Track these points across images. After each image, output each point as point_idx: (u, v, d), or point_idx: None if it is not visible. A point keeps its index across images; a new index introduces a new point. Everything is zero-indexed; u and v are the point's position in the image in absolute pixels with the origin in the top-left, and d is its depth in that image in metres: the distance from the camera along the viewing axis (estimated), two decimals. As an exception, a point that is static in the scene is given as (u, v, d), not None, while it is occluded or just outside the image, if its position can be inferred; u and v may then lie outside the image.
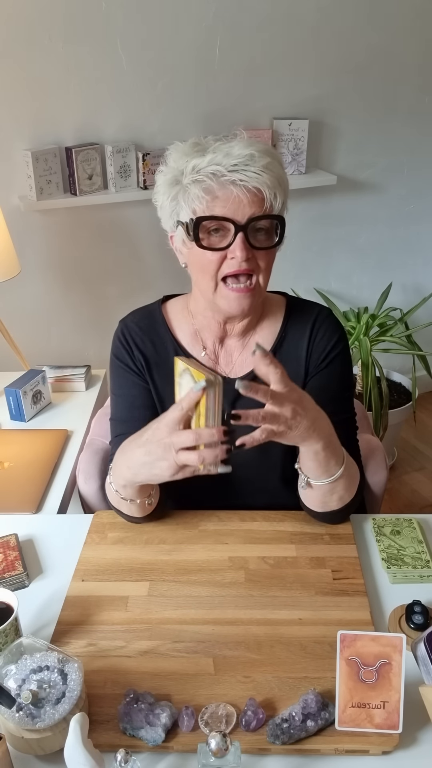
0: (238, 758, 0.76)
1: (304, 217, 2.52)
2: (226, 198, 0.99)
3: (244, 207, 0.99)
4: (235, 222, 1.00)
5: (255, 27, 2.14)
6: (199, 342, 1.18)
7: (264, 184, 0.99)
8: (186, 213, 1.03)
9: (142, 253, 2.30)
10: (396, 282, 2.76)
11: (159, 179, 1.08)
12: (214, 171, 0.98)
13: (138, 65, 2.05)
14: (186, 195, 1.02)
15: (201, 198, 0.99)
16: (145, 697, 0.84)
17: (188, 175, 1.01)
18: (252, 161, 0.98)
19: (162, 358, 1.19)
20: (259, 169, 0.98)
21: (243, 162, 0.98)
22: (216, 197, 0.99)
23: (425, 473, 2.70)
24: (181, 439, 0.91)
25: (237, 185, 0.98)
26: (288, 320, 1.19)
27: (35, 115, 1.99)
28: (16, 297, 2.14)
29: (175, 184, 1.04)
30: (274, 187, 1.01)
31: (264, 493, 1.21)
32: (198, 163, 1.00)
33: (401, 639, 0.83)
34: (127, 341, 1.20)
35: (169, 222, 1.09)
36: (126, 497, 1.10)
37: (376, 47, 2.34)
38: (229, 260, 1.03)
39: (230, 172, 0.98)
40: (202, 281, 1.07)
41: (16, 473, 1.38)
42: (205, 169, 0.99)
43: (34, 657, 0.85)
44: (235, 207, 0.99)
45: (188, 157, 1.02)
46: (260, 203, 1.00)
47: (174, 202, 1.04)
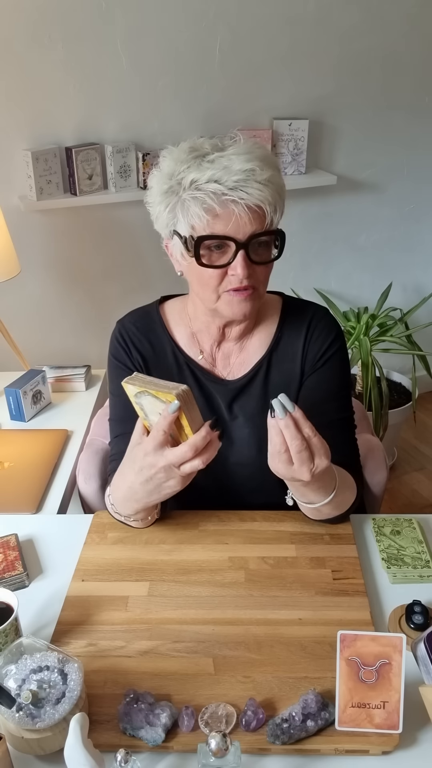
0: (238, 758, 0.76)
1: (304, 217, 2.52)
2: (227, 217, 0.97)
3: (245, 225, 0.98)
4: (236, 240, 0.99)
5: (255, 27, 2.14)
6: (197, 345, 1.18)
7: (265, 201, 0.97)
8: (184, 227, 1.01)
9: (142, 253, 2.30)
10: (396, 282, 2.76)
11: (153, 184, 1.05)
12: (215, 190, 0.96)
13: (138, 65, 2.05)
14: (184, 210, 1.00)
15: (201, 216, 0.98)
16: (145, 697, 0.84)
17: (187, 190, 0.98)
18: (253, 176, 0.96)
19: (160, 359, 1.19)
20: (261, 185, 0.96)
21: (243, 179, 0.96)
22: (216, 216, 0.98)
23: (425, 473, 2.70)
24: (179, 457, 0.92)
25: (238, 204, 0.96)
26: (284, 320, 1.19)
27: (35, 115, 1.99)
28: (16, 297, 2.14)
29: (172, 194, 1.01)
30: (275, 202, 0.99)
31: (262, 493, 1.21)
32: (197, 177, 0.97)
33: (401, 639, 0.83)
34: (125, 342, 1.19)
35: (164, 230, 1.07)
36: (136, 519, 1.11)
37: (376, 47, 2.34)
38: (230, 276, 1.02)
39: (231, 190, 0.96)
40: (202, 293, 1.07)
41: (16, 473, 1.38)
42: (205, 186, 0.96)
43: (34, 657, 0.84)
44: (236, 226, 0.98)
45: (185, 165, 0.99)
46: (261, 220, 0.99)
47: (171, 214, 1.02)
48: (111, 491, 1.11)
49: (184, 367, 1.18)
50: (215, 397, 1.18)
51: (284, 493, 1.20)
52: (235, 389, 1.17)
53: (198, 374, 1.18)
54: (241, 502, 1.21)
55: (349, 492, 1.11)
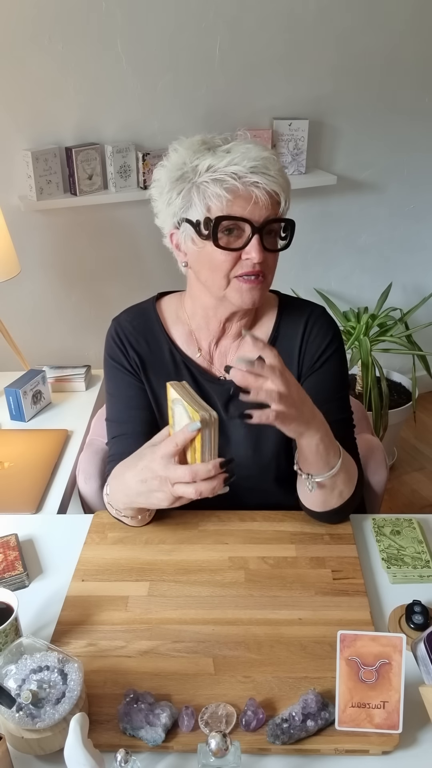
0: (238, 758, 0.76)
1: (304, 217, 2.51)
2: (246, 199, 1.00)
3: (261, 209, 1.01)
4: (253, 223, 1.01)
5: (255, 27, 2.14)
6: (194, 343, 1.18)
7: (280, 188, 1.02)
8: (199, 211, 1.02)
9: (142, 253, 2.31)
10: (396, 282, 2.76)
11: (161, 174, 1.07)
12: (236, 171, 0.99)
13: (138, 65, 2.05)
14: (200, 192, 1.02)
15: (221, 197, 1.00)
16: (145, 697, 0.84)
17: (203, 174, 1.01)
18: (270, 164, 1.00)
19: (157, 358, 1.18)
20: (276, 172, 1.01)
21: (262, 164, 0.99)
22: (237, 197, 1.00)
23: (425, 473, 2.70)
24: (177, 475, 0.91)
25: (258, 187, 0.99)
26: (280, 319, 1.19)
27: (35, 115, 1.99)
28: (16, 297, 2.14)
29: (185, 181, 1.03)
30: (286, 191, 1.03)
31: (260, 494, 1.21)
32: (215, 163, 1.00)
33: (401, 639, 0.83)
34: (121, 341, 1.19)
35: (171, 220, 1.07)
36: (126, 515, 1.12)
37: (376, 47, 2.34)
38: (244, 260, 1.03)
39: (251, 173, 0.99)
40: (211, 279, 1.07)
41: (16, 473, 1.38)
42: (225, 168, 0.99)
43: (34, 657, 0.84)
44: (254, 209, 1.00)
45: (198, 155, 1.02)
46: (276, 206, 1.03)
47: (183, 200, 1.04)
48: (110, 480, 1.12)
49: (181, 366, 1.18)
50: (212, 397, 1.18)
51: (282, 493, 1.20)
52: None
53: (195, 373, 1.18)
54: (239, 503, 1.21)
55: (351, 463, 1.11)
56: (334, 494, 1.09)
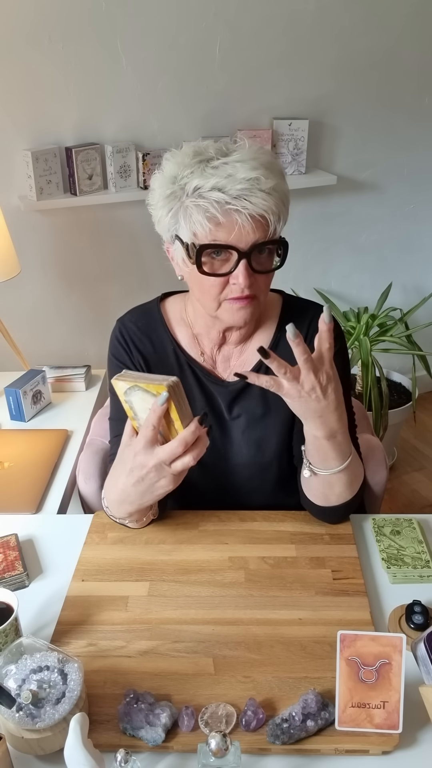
0: (238, 758, 0.76)
1: (304, 217, 2.52)
2: (229, 227, 0.96)
3: (248, 234, 0.97)
4: (238, 249, 0.98)
5: (255, 27, 2.14)
6: (197, 346, 1.18)
7: (269, 210, 0.96)
8: (186, 233, 1.00)
9: (142, 253, 2.30)
10: (396, 282, 2.76)
11: (156, 187, 1.04)
12: (218, 199, 0.95)
13: (138, 65, 2.05)
14: (186, 216, 0.99)
15: (203, 224, 0.97)
16: (145, 697, 0.84)
17: (190, 196, 0.97)
18: (258, 184, 0.95)
19: (161, 359, 1.18)
20: (265, 194, 0.95)
21: (248, 188, 0.94)
22: (219, 225, 0.97)
23: (425, 473, 2.70)
24: (169, 454, 0.91)
25: (241, 213, 0.95)
26: (284, 320, 1.18)
27: (35, 115, 1.99)
28: (16, 297, 2.14)
29: (174, 199, 1.00)
30: (279, 211, 0.98)
31: (261, 494, 1.21)
32: (200, 184, 0.96)
33: (401, 639, 0.83)
34: (126, 341, 1.19)
35: (166, 234, 1.06)
36: (131, 521, 1.11)
37: (376, 47, 2.34)
38: (231, 285, 1.01)
39: (234, 199, 0.94)
40: (203, 300, 1.07)
41: (16, 473, 1.38)
42: (208, 194, 0.95)
43: (34, 657, 0.85)
44: (238, 235, 0.97)
45: (188, 170, 0.98)
46: (264, 229, 0.98)
47: (173, 219, 1.01)
48: (105, 494, 1.11)
49: (185, 367, 1.18)
50: (216, 398, 1.18)
51: (283, 495, 1.20)
52: (236, 390, 1.17)
53: (199, 374, 1.18)
54: (240, 503, 1.21)
55: (360, 468, 1.11)
56: (333, 491, 1.08)
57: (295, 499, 1.17)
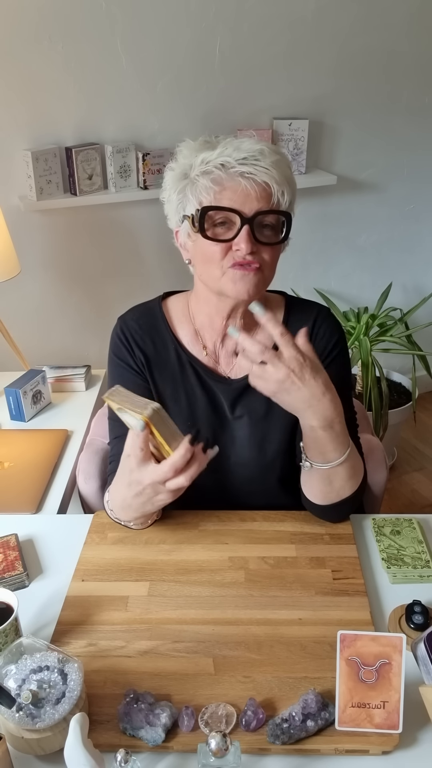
0: (238, 758, 0.76)
1: (304, 217, 2.51)
2: (234, 189, 1.00)
3: (252, 200, 1.00)
4: (242, 214, 1.00)
5: (255, 27, 2.14)
6: (200, 342, 1.18)
7: (272, 179, 1.00)
8: (192, 205, 1.03)
9: (142, 253, 2.30)
10: (396, 282, 2.76)
11: (167, 176, 1.08)
12: (224, 162, 0.99)
13: (138, 65, 2.05)
14: (194, 187, 1.03)
15: (209, 188, 1.00)
16: (145, 697, 0.84)
17: (197, 168, 1.02)
18: (262, 156, 0.99)
19: (162, 358, 1.18)
20: (268, 164, 0.99)
21: (252, 156, 0.99)
22: (224, 188, 1.00)
23: (425, 473, 2.70)
24: (160, 476, 0.91)
25: (246, 177, 0.99)
26: (287, 320, 1.18)
27: (35, 115, 1.99)
28: (16, 297, 2.14)
29: (183, 178, 1.04)
30: (282, 184, 1.01)
31: (262, 494, 1.21)
32: (207, 156, 1.01)
33: (401, 639, 0.83)
34: (127, 339, 1.19)
35: (175, 217, 1.09)
36: (137, 524, 1.13)
37: (375, 47, 2.34)
38: (234, 251, 1.03)
39: (239, 164, 0.99)
40: (207, 271, 1.07)
41: (16, 473, 1.38)
42: (215, 160, 1.00)
43: (34, 657, 0.85)
44: (242, 199, 1.00)
45: (197, 152, 1.03)
46: (268, 198, 1.01)
47: (181, 195, 1.05)
48: (108, 498, 1.12)
49: (186, 366, 1.18)
50: (218, 396, 1.18)
51: (285, 494, 1.20)
52: (239, 388, 1.17)
53: (201, 373, 1.18)
54: (241, 503, 1.21)
55: (359, 461, 1.11)
56: (332, 488, 1.08)
57: (296, 499, 1.17)
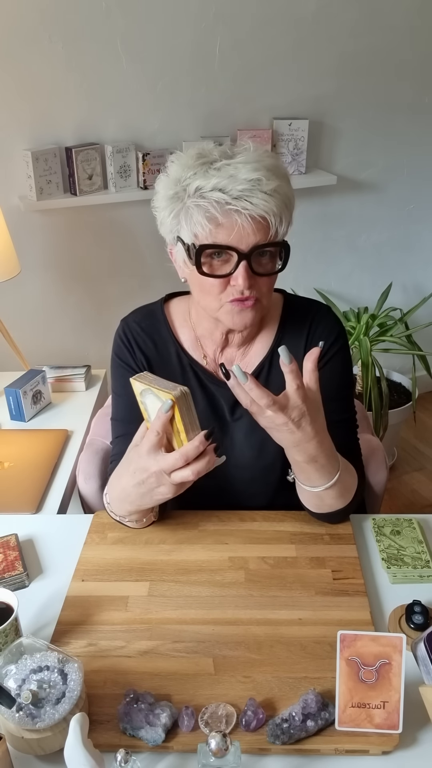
0: (238, 758, 0.76)
1: (304, 217, 2.51)
2: (230, 227, 0.96)
3: (248, 235, 0.97)
4: (238, 251, 0.97)
5: (255, 27, 2.14)
6: (200, 348, 1.18)
7: (270, 212, 0.96)
8: (187, 234, 1.00)
9: (142, 253, 2.31)
10: (396, 282, 2.76)
11: (160, 189, 1.04)
12: (218, 199, 0.94)
13: (138, 65, 2.05)
14: (188, 217, 0.98)
15: (203, 225, 0.97)
16: (145, 697, 0.84)
17: (191, 197, 0.97)
18: (259, 186, 0.94)
19: (164, 359, 1.18)
20: (266, 195, 0.95)
21: (248, 189, 0.94)
22: (219, 225, 0.96)
23: (425, 473, 2.70)
24: (170, 464, 0.91)
25: (241, 214, 0.95)
26: (285, 320, 1.18)
27: (35, 115, 1.99)
28: (16, 297, 2.14)
29: (177, 201, 1.00)
30: (281, 212, 0.98)
31: (263, 495, 1.21)
32: (202, 185, 0.96)
33: (401, 639, 0.83)
34: (129, 341, 1.19)
35: (169, 236, 1.06)
36: (131, 520, 1.11)
37: (375, 47, 2.34)
38: (232, 287, 1.01)
39: (235, 200, 0.94)
40: (204, 300, 1.06)
41: (16, 473, 1.38)
42: (209, 194, 0.95)
43: (34, 657, 0.84)
44: (238, 237, 0.96)
45: (191, 171, 0.98)
46: (265, 230, 0.98)
47: (175, 220, 1.01)
48: (108, 490, 1.11)
49: (187, 369, 1.18)
50: (218, 400, 1.18)
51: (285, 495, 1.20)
52: None
53: (202, 376, 1.18)
54: (242, 505, 1.20)
55: (352, 480, 1.10)
56: (324, 503, 1.08)
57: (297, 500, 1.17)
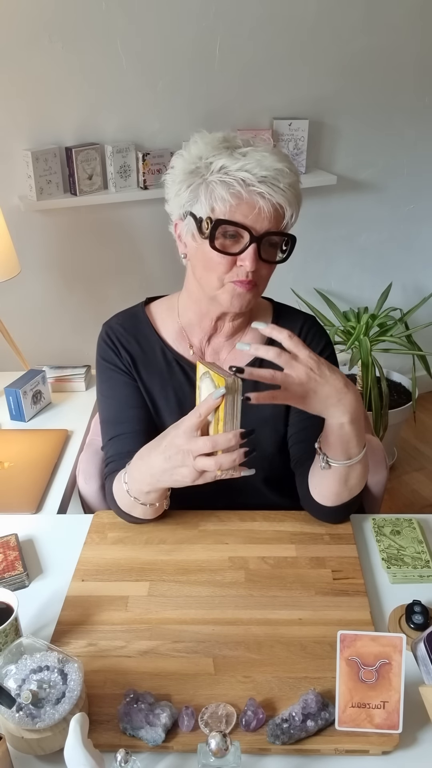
0: (238, 758, 0.76)
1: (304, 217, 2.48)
2: (250, 207, 1.00)
3: (264, 220, 1.01)
4: (253, 232, 1.00)
5: (255, 27, 2.14)
6: (185, 340, 1.19)
7: (287, 202, 1.01)
8: (203, 208, 1.02)
9: (142, 253, 2.30)
10: (396, 282, 2.76)
11: (178, 163, 1.07)
12: (244, 178, 0.99)
13: (138, 65, 2.05)
14: (208, 191, 1.01)
15: (225, 200, 1.00)
16: (145, 697, 0.84)
17: (215, 173, 1.00)
18: (281, 176, 1.00)
19: (148, 357, 1.19)
20: (286, 186, 1.00)
21: (273, 176, 0.99)
22: (241, 203, 1.00)
23: (425, 473, 2.70)
24: (198, 446, 0.90)
25: (264, 197, 0.99)
26: (276, 322, 1.20)
27: (35, 115, 1.99)
28: (16, 297, 2.14)
29: (196, 176, 1.03)
30: (293, 206, 1.03)
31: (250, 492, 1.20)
32: (228, 164, 1.00)
33: (401, 639, 0.83)
34: (113, 342, 1.20)
35: (178, 210, 1.08)
36: (146, 502, 1.08)
37: (375, 47, 2.34)
38: (237, 267, 1.03)
39: (260, 182, 0.99)
40: (206, 277, 1.07)
41: (16, 473, 1.38)
42: (235, 173, 0.99)
43: (34, 657, 0.85)
44: (256, 218, 1.00)
45: (216, 152, 1.02)
46: (279, 219, 1.03)
47: (192, 194, 1.04)
48: (128, 468, 1.08)
49: (173, 364, 1.19)
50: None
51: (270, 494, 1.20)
52: None
53: (187, 370, 1.18)
54: (239, 504, 1.20)
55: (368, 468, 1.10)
56: (348, 485, 1.06)
57: (287, 501, 1.18)
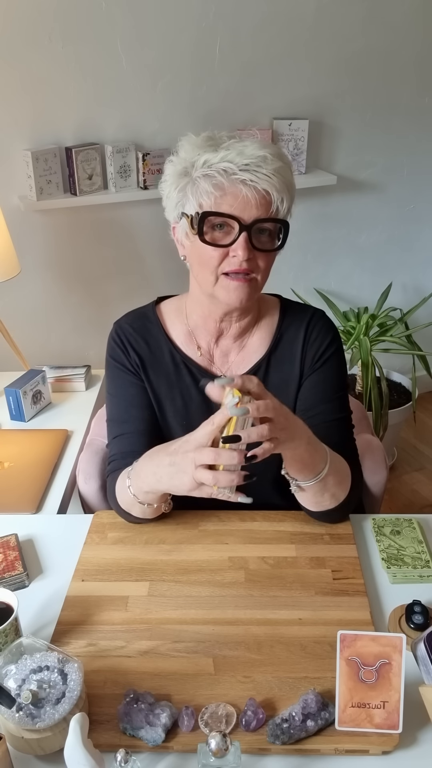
0: (238, 758, 0.76)
1: (304, 217, 2.52)
2: (234, 196, 1.00)
3: (251, 208, 1.00)
4: (241, 221, 1.00)
5: (255, 27, 2.14)
6: (194, 342, 1.19)
7: (273, 188, 1.00)
8: (192, 206, 1.03)
9: (142, 253, 2.30)
10: (396, 282, 2.76)
11: (168, 169, 1.08)
12: (226, 168, 0.99)
13: (138, 65, 2.05)
14: (194, 188, 1.02)
15: (209, 193, 1.00)
16: (145, 697, 0.84)
17: (199, 169, 1.01)
18: (264, 163, 0.99)
19: (156, 358, 1.19)
20: (270, 171, 0.99)
21: (255, 163, 0.99)
22: (225, 193, 1.00)
23: (425, 473, 2.70)
24: (202, 456, 0.89)
25: (247, 185, 0.99)
26: (283, 321, 1.20)
27: (35, 115, 1.99)
28: (16, 297, 2.14)
29: (184, 176, 1.04)
30: (282, 192, 1.01)
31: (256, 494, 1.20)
32: (210, 158, 1.00)
33: (401, 639, 0.83)
34: (122, 341, 1.20)
35: (173, 213, 1.09)
36: (144, 501, 1.08)
37: (375, 47, 2.34)
38: (230, 258, 1.03)
39: (241, 171, 0.99)
40: (201, 274, 1.07)
41: (16, 473, 1.38)
42: (217, 165, 0.99)
43: (34, 657, 0.85)
44: (242, 206, 1.00)
45: (200, 150, 1.02)
46: (267, 206, 1.01)
47: (181, 194, 1.05)
48: (134, 466, 1.07)
49: (181, 366, 1.18)
50: None
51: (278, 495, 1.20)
52: None
53: (195, 372, 1.18)
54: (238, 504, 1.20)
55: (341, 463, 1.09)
56: (325, 496, 1.08)
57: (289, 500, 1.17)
